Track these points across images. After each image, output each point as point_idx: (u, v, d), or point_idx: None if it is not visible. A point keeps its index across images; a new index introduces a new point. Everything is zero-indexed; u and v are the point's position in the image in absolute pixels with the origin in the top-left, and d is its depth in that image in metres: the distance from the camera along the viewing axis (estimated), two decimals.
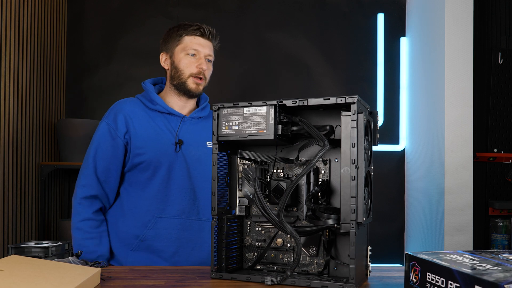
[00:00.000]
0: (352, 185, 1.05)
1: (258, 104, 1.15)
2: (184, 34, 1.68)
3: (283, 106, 1.15)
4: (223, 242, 1.20)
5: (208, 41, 1.70)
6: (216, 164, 1.19)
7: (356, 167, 1.05)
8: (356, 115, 1.06)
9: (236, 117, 1.17)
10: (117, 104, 1.68)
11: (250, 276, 1.14)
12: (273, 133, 1.12)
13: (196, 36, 1.68)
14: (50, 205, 2.89)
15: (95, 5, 3.13)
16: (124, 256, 1.61)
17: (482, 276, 0.75)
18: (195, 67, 1.67)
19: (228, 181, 1.26)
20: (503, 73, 3.08)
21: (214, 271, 1.18)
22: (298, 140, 1.24)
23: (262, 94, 3.15)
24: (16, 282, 0.93)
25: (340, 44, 3.19)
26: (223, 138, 1.18)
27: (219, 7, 3.18)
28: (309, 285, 1.07)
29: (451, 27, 2.62)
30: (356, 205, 1.05)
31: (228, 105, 1.18)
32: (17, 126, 2.49)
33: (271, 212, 1.09)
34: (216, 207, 1.19)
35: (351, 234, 1.05)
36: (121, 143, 1.61)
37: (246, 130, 1.16)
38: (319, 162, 1.22)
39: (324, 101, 1.09)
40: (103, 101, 3.13)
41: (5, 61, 2.36)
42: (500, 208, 2.99)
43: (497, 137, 3.08)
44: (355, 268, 1.04)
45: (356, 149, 1.06)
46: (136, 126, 1.62)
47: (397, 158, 3.18)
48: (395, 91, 3.19)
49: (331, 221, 1.10)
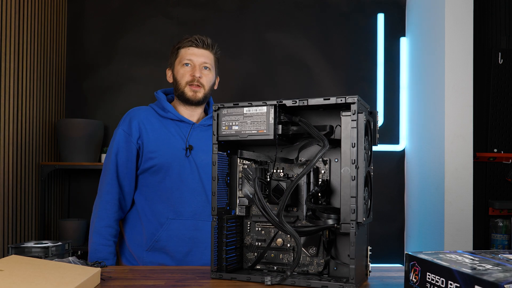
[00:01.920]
0: (352, 185, 1.05)
1: (258, 104, 1.15)
2: (180, 47, 1.78)
3: (283, 106, 1.15)
4: (223, 242, 1.20)
5: (203, 50, 1.77)
6: (216, 164, 1.19)
7: (356, 167, 1.05)
8: (356, 115, 1.06)
9: (236, 117, 1.17)
10: (131, 111, 1.77)
11: (250, 276, 1.14)
12: (273, 133, 1.12)
13: (190, 47, 1.76)
14: (50, 205, 2.89)
15: (95, 5, 3.13)
16: (140, 256, 1.69)
17: (482, 276, 0.75)
18: (189, 75, 1.75)
19: (228, 181, 1.26)
20: (503, 73, 3.08)
21: (214, 271, 1.18)
22: (298, 140, 1.24)
23: (262, 94, 3.15)
24: (16, 282, 0.93)
25: (340, 44, 3.19)
26: (223, 138, 1.18)
27: (219, 7, 3.18)
28: (309, 285, 1.07)
29: (451, 27, 2.62)
30: (356, 205, 1.05)
31: (228, 105, 1.18)
32: (17, 126, 2.49)
33: (271, 212, 1.09)
34: (216, 207, 1.19)
35: (351, 234, 1.05)
36: (134, 148, 1.70)
37: (246, 130, 1.16)
38: (319, 162, 1.22)
39: (324, 101, 1.09)
40: (103, 101, 3.13)
41: (5, 61, 2.36)
42: (500, 208, 2.99)
43: (497, 137, 3.08)
44: (355, 268, 1.04)
45: (356, 149, 1.06)
46: (149, 131, 1.70)
47: (397, 158, 3.18)
48: (395, 91, 3.19)
49: (331, 221, 1.10)
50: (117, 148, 1.70)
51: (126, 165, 1.70)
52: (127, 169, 1.70)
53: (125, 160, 1.70)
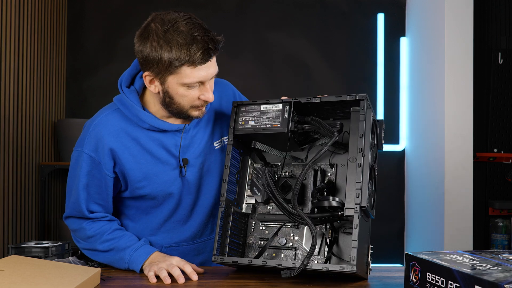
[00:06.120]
0: (358, 171, 1.10)
1: (275, 102, 1.23)
2: (185, 62, 1.18)
3: (297, 104, 1.21)
4: (228, 231, 1.22)
5: (214, 58, 1.23)
6: (229, 154, 1.24)
7: (362, 155, 1.11)
8: (365, 110, 1.14)
9: (253, 113, 1.24)
10: (95, 127, 1.30)
11: (251, 259, 1.14)
12: (286, 126, 1.19)
13: (200, 65, 1.19)
14: (50, 205, 2.89)
15: (95, 5, 3.13)
16: None
17: (482, 276, 0.75)
18: (198, 100, 1.25)
19: (238, 178, 1.28)
20: (503, 73, 3.08)
21: (216, 254, 1.18)
22: (307, 143, 1.29)
23: (262, 94, 3.15)
24: (16, 282, 0.93)
25: (340, 44, 3.19)
26: (239, 132, 1.24)
27: (219, 7, 3.17)
28: (310, 267, 1.07)
29: (451, 27, 2.62)
30: (361, 190, 1.09)
31: (247, 103, 1.26)
32: (17, 126, 2.49)
33: (284, 202, 1.14)
34: (225, 193, 1.22)
35: (354, 217, 1.07)
36: (109, 178, 1.31)
37: (261, 125, 1.22)
38: (326, 166, 1.26)
39: (336, 98, 1.18)
40: (103, 101, 3.10)
41: (5, 61, 2.36)
42: (500, 208, 2.99)
43: (497, 137, 3.08)
44: (357, 249, 1.05)
45: (363, 139, 1.12)
46: (127, 156, 1.30)
47: (397, 158, 3.18)
48: (395, 91, 3.18)
49: (335, 203, 1.13)
50: (86, 180, 1.30)
51: (100, 196, 1.33)
52: (102, 200, 1.34)
53: (98, 191, 1.32)
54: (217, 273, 1.25)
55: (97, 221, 1.34)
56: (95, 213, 1.34)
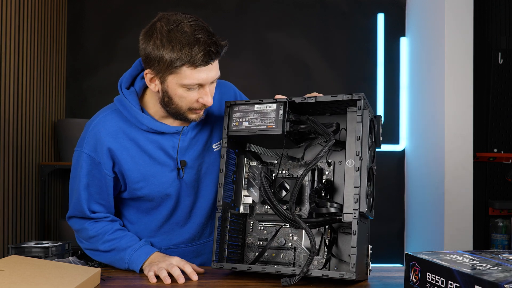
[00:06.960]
0: (356, 175, 1.08)
1: (269, 101, 1.19)
2: (185, 63, 1.20)
3: (292, 104, 1.18)
4: (226, 235, 1.21)
5: (216, 62, 1.24)
6: (224, 157, 1.21)
7: (360, 158, 1.09)
8: (362, 110, 1.11)
9: (247, 114, 1.21)
10: (94, 127, 1.32)
11: (251, 266, 1.14)
12: (281, 128, 1.16)
13: (200, 66, 1.20)
14: (50, 205, 2.89)
15: (95, 5, 3.13)
16: None
17: (482, 276, 0.75)
18: (197, 103, 1.25)
19: (234, 179, 1.27)
20: (503, 73, 3.08)
21: (215, 261, 1.18)
22: (304, 141, 1.26)
23: (262, 94, 3.14)
24: (16, 282, 0.93)
25: (340, 44, 3.19)
26: (233, 133, 1.21)
27: (219, 7, 3.17)
28: (310, 274, 1.07)
29: (451, 27, 2.62)
30: (359, 195, 1.07)
31: (240, 102, 1.22)
32: (17, 126, 2.49)
33: (280, 207, 1.12)
34: (222, 198, 1.20)
35: (353, 223, 1.06)
36: (109, 178, 1.32)
37: (256, 126, 1.19)
38: (324, 164, 1.24)
39: (332, 98, 1.14)
40: (103, 101, 3.11)
41: (5, 61, 2.36)
42: (500, 208, 2.99)
43: (497, 137, 3.08)
44: (356, 256, 1.04)
45: (360, 142, 1.09)
46: (125, 156, 1.31)
47: (397, 158, 3.18)
48: (395, 91, 3.18)
49: (333, 209, 1.12)
50: (86, 180, 1.31)
51: (101, 196, 1.34)
52: (102, 200, 1.35)
53: (99, 191, 1.33)
54: (217, 273, 1.25)
55: (99, 221, 1.35)
56: (97, 213, 1.35)
